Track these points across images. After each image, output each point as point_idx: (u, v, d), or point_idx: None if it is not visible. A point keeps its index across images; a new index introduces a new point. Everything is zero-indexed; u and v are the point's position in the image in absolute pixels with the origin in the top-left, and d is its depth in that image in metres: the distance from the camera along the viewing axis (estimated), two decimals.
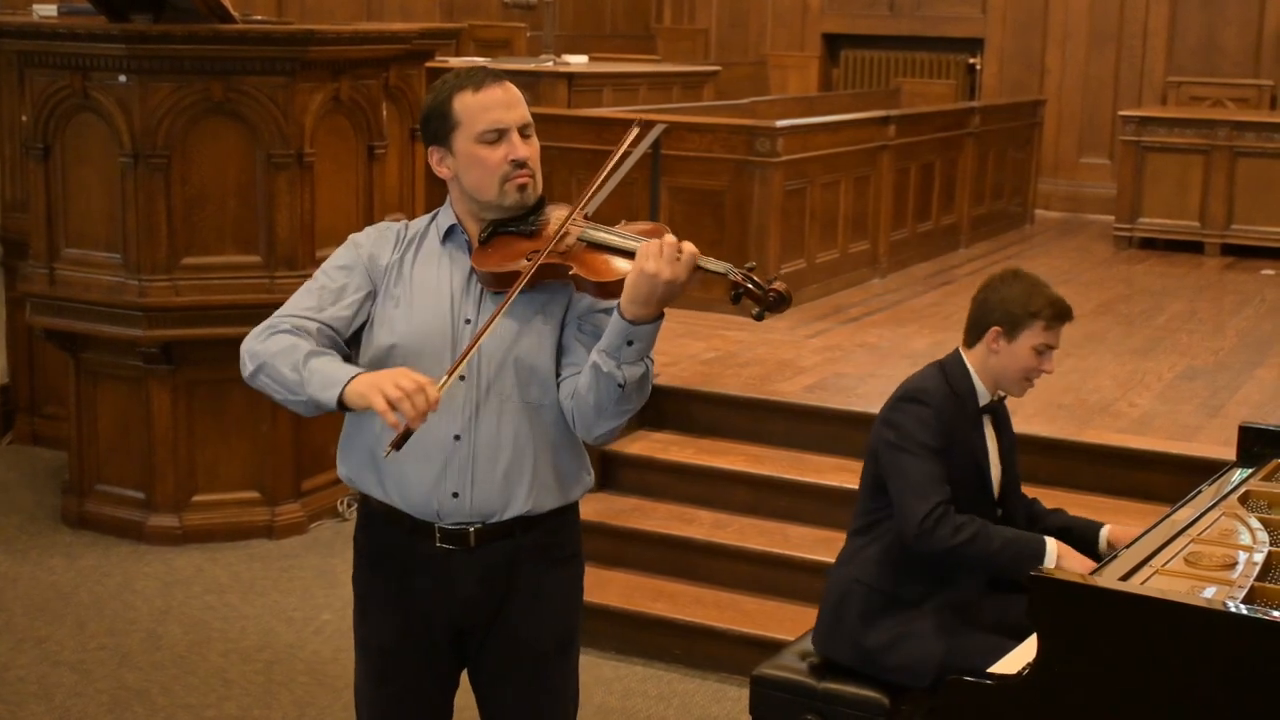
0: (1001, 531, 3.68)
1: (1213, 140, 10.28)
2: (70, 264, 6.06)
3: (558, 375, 2.94)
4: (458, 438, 2.89)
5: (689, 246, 2.70)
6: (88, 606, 5.51)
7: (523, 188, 2.91)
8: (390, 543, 3.01)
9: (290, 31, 6.13)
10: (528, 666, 3.06)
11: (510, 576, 2.99)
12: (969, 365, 3.80)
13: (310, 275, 5.95)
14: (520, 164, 2.90)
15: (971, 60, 13.45)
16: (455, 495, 2.91)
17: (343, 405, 2.74)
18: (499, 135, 2.89)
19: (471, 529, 2.94)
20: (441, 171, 2.97)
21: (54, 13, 7.20)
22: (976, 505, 3.74)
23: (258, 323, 6.16)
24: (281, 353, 2.83)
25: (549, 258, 2.83)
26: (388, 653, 3.05)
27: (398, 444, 2.69)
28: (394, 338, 2.92)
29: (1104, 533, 3.86)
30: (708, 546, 5.48)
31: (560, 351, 2.95)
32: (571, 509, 3.08)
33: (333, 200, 6.23)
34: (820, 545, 5.23)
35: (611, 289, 2.78)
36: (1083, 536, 3.87)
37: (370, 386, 2.69)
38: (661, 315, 2.75)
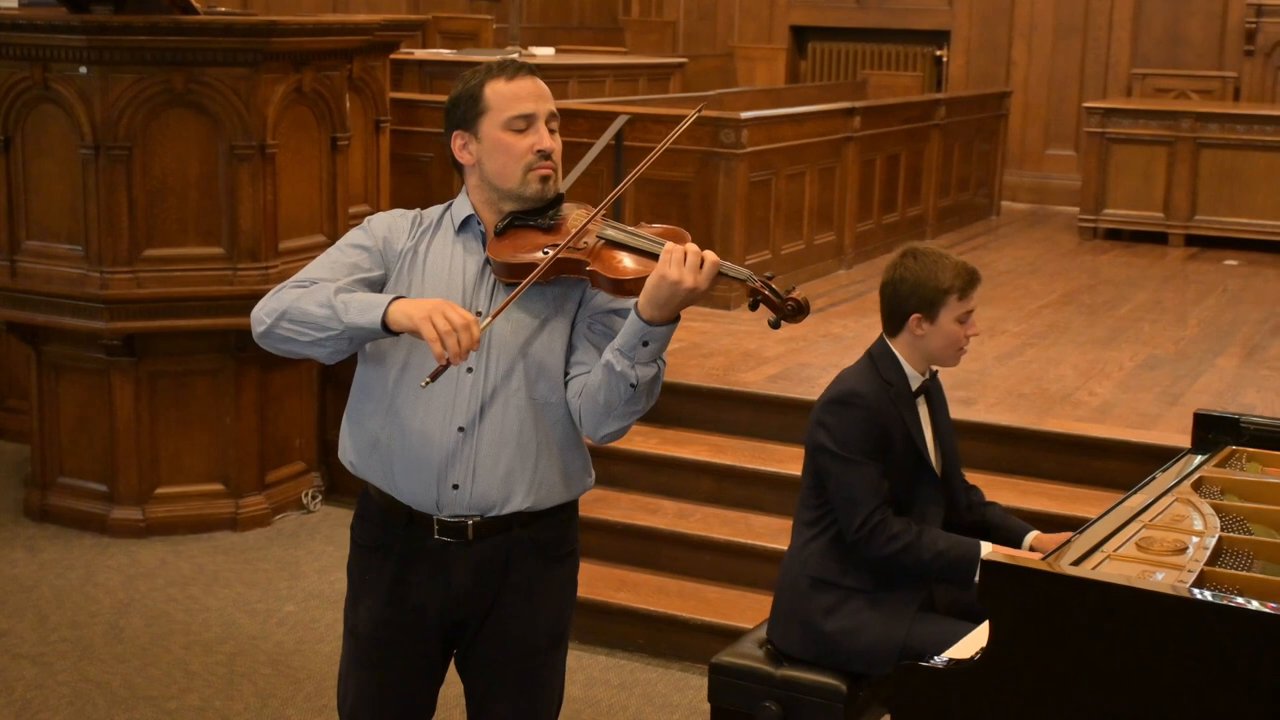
0: (935, 541, 3.68)
1: (1177, 132, 10.34)
2: (31, 256, 6.04)
3: (565, 373, 2.96)
4: (462, 430, 2.89)
5: (711, 256, 2.75)
6: (49, 600, 5.50)
7: (545, 179, 2.94)
8: (388, 533, 3.00)
9: (252, 23, 6.11)
10: (519, 661, 3.07)
11: (506, 571, 3.00)
12: (896, 353, 3.80)
13: (273, 266, 6.04)
14: (545, 155, 2.93)
15: (938, 52, 13.49)
16: (456, 487, 2.92)
17: (386, 327, 2.76)
18: (527, 124, 2.92)
19: (470, 522, 2.94)
20: (464, 157, 2.98)
21: (14, 4, 7.15)
22: (920, 487, 3.77)
23: (221, 314, 6.21)
24: (305, 295, 2.85)
25: (568, 252, 2.85)
26: (378, 641, 3.04)
27: (435, 376, 2.74)
28: None
29: (1029, 538, 3.88)
30: (671, 536, 5.50)
31: (569, 349, 2.97)
32: (571, 507, 3.09)
33: (295, 192, 6.21)
34: (783, 534, 5.23)
35: (629, 288, 2.82)
36: (1010, 537, 3.90)
37: (420, 310, 2.72)
38: (678, 318, 2.79)
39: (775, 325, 2.88)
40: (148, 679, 4.90)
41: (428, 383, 2.74)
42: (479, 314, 2.90)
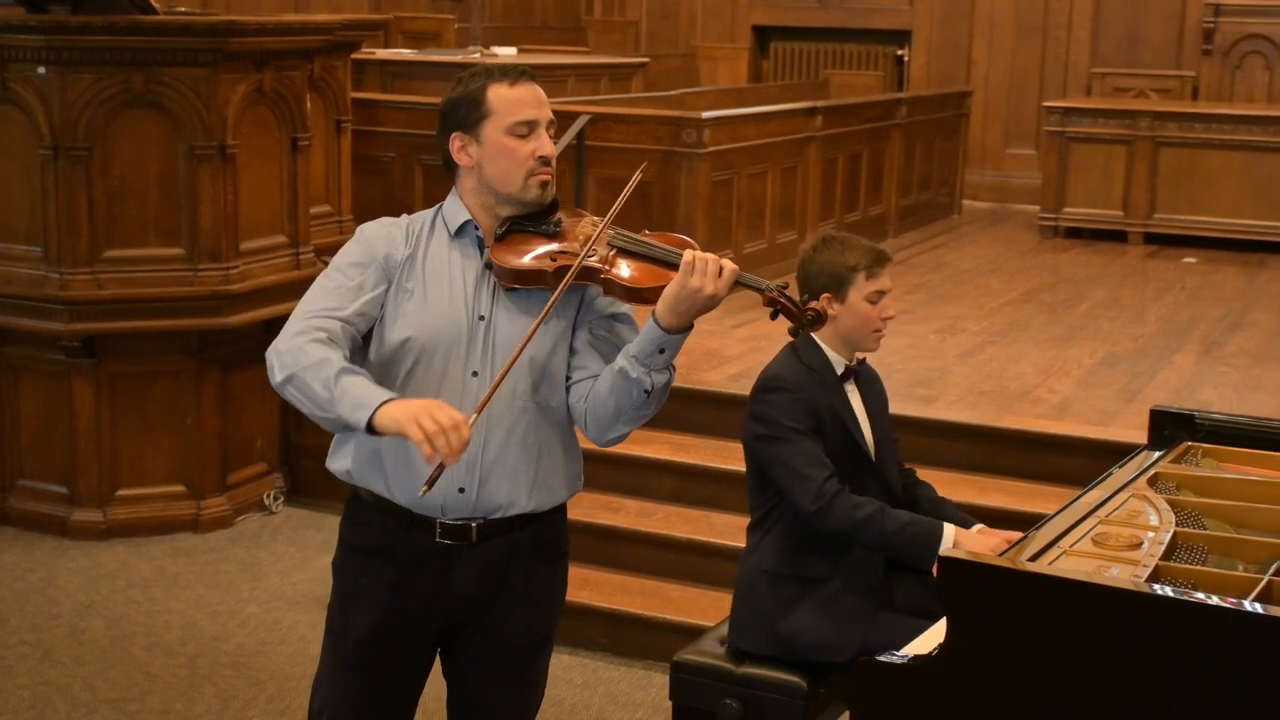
0: (899, 515, 3.71)
1: (1136, 131, 10.41)
2: None
3: (567, 377, 2.98)
4: None
5: (729, 265, 2.81)
6: (9, 603, 5.47)
7: (545, 184, 2.95)
8: (386, 537, 2.98)
9: (211, 23, 6.10)
10: (509, 660, 3.08)
11: (506, 573, 3.01)
12: (816, 339, 3.82)
13: (234, 267, 6.02)
14: (546, 161, 2.94)
15: (899, 52, 13.55)
16: (461, 491, 2.92)
17: (371, 429, 2.71)
18: (530, 130, 2.93)
19: (474, 525, 2.95)
20: (462, 159, 2.97)
21: None
22: (856, 472, 3.78)
23: (181, 315, 6.18)
24: (313, 366, 2.77)
25: (587, 261, 2.87)
26: (367, 645, 3.02)
27: (432, 482, 2.69)
28: (409, 331, 2.91)
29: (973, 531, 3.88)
30: (633, 535, 5.52)
31: (570, 353, 2.98)
32: (564, 509, 3.11)
33: (256, 192, 6.20)
34: (744, 532, 5.22)
35: (645, 295, 2.85)
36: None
37: (406, 414, 2.65)
38: (691, 325, 2.83)
39: (795, 334, 3.02)
40: (108, 681, 4.89)
41: (425, 490, 2.71)
42: (482, 318, 2.91)
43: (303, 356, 2.79)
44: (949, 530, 3.69)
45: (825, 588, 3.77)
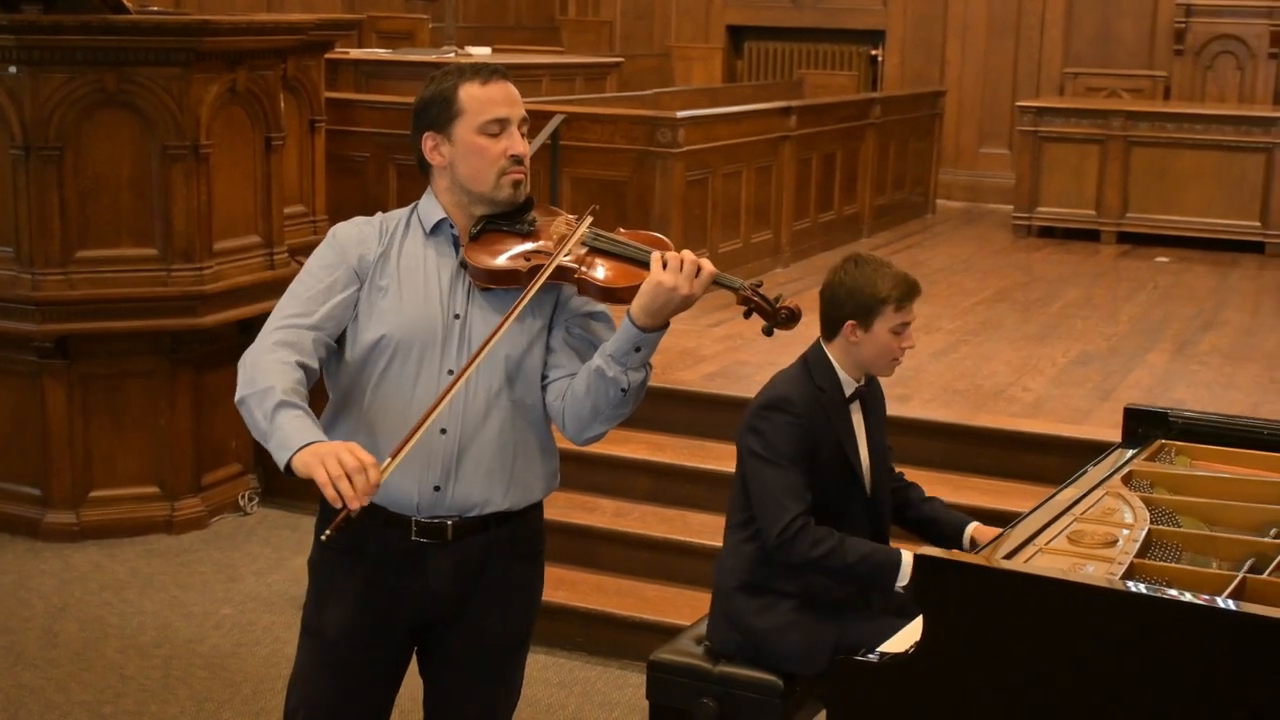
0: (858, 547, 3.67)
1: (1108, 130, 10.45)
2: None
3: (543, 376, 2.97)
4: (444, 431, 2.88)
5: (707, 265, 2.81)
6: None
7: (517, 183, 2.94)
8: (361, 535, 2.95)
9: (184, 22, 6.07)
10: (485, 659, 3.08)
11: (482, 571, 3.00)
12: (831, 358, 3.79)
13: (207, 267, 5.99)
14: (519, 160, 2.93)
15: (873, 52, 13.57)
16: (437, 489, 2.91)
17: (289, 471, 2.67)
18: (501, 128, 2.92)
19: (449, 523, 2.94)
20: (435, 159, 2.96)
21: None
22: (844, 496, 3.76)
23: (154, 316, 6.16)
24: (259, 394, 2.74)
25: (561, 261, 2.86)
26: (348, 644, 3.01)
27: (336, 527, 2.63)
28: (384, 329, 2.90)
29: (969, 529, 3.91)
30: (609, 534, 5.52)
31: (546, 352, 2.98)
32: (540, 507, 3.11)
33: (230, 192, 6.17)
34: (720, 532, 5.17)
35: (620, 295, 2.85)
36: (950, 530, 3.93)
37: (315, 458, 2.61)
38: (667, 324, 2.83)
39: (769, 333, 2.98)
40: (82, 684, 4.86)
41: (328, 535, 2.67)
42: (457, 317, 2.91)
43: (258, 378, 2.77)
44: (907, 557, 3.68)
45: (802, 597, 3.76)
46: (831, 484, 3.74)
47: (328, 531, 2.67)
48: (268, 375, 2.77)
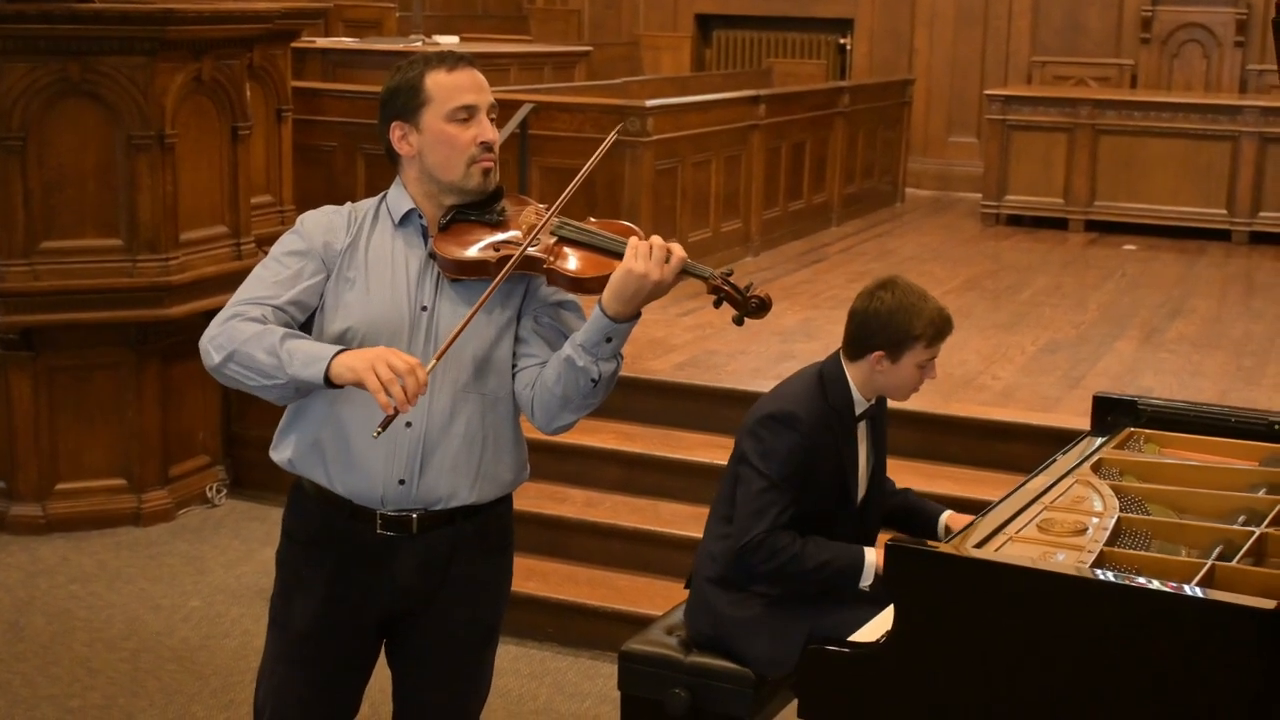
0: (818, 553, 3.65)
1: (1076, 119, 10.48)
2: None
3: (513, 366, 2.95)
4: (409, 424, 2.86)
5: (678, 250, 2.79)
6: None
7: (487, 171, 2.92)
8: (327, 527, 2.95)
9: (148, 11, 6.01)
10: (453, 653, 3.06)
11: (449, 564, 2.98)
12: (849, 378, 3.74)
13: (174, 258, 5.95)
14: (488, 147, 2.91)
15: (842, 40, 13.58)
16: (402, 482, 2.89)
17: (329, 381, 2.70)
18: (470, 115, 2.89)
19: (414, 516, 2.92)
20: (403, 148, 2.93)
21: None
22: (834, 511, 3.74)
23: (120, 307, 6.10)
24: (253, 338, 2.76)
25: (530, 251, 2.83)
26: (315, 638, 3.00)
27: (385, 425, 2.67)
28: (350, 321, 2.88)
29: (943, 518, 3.91)
30: (579, 524, 5.50)
31: (516, 342, 2.95)
32: (508, 499, 3.09)
33: (196, 182, 6.13)
34: (691, 521, 5.26)
35: (589, 285, 2.83)
36: (924, 520, 3.93)
37: (362, 362, 2.66)
38: (639, 314, 2.81)
39: (739, 322, 2.94)
40: (49, 678, 4.83)
41: (379, 433, 2.69)
42: (425, 308, 2.89)
43: (238, 334, 2.79)
44: (870, 556, 3.66)
45: (771, 596, 3.75)
46: (824, 498, 3.72)
47: (378, 429, 2.68)
48: (251, 327, 2.79)
